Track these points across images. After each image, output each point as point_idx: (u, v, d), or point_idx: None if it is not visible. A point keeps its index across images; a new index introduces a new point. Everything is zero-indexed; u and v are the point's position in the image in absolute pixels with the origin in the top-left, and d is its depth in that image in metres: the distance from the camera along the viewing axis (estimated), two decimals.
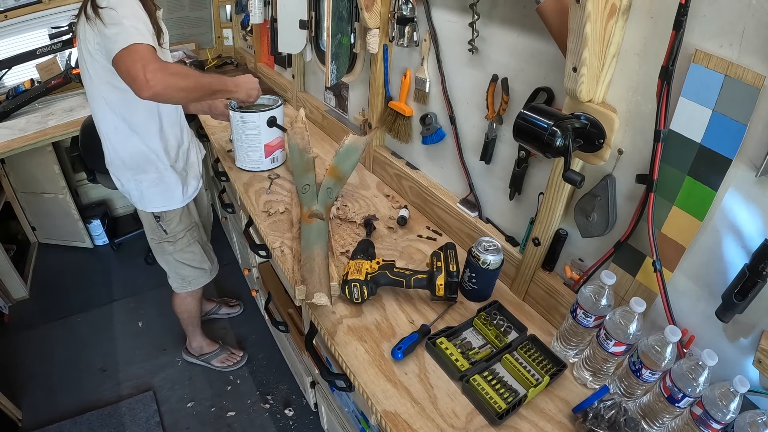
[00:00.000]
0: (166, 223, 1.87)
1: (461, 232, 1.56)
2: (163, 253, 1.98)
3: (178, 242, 1.95)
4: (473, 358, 1.15)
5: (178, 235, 1.93)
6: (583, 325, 1.08)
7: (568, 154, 0.97)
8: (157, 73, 1.33)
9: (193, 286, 2.12)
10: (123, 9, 1.37)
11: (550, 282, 1.27)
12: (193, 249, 2.02)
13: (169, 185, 1.80)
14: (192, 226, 1.97)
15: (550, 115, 0.97)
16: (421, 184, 1.71)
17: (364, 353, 1.18)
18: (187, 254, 2.01)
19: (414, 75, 1.62)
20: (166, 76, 1.35)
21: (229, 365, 2.45)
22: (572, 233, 1.22)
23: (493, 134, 1.36)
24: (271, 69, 2.95)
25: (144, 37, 1.36)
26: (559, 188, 1.16)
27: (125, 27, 1.35)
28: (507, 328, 1.24)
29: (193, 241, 2.00)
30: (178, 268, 2.04)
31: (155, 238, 1.93)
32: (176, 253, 1.98)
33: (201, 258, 2.06)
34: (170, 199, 1.82)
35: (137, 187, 1.77)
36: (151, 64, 1.33)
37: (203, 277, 2.12)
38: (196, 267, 2.06)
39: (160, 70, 1.34)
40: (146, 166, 1.73)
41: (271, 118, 1.86)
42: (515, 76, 1.26)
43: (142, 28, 1.37)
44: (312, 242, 1.40)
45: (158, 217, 1.85)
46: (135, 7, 1.40)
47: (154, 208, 1.82)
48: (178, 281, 2.09)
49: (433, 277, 1.27)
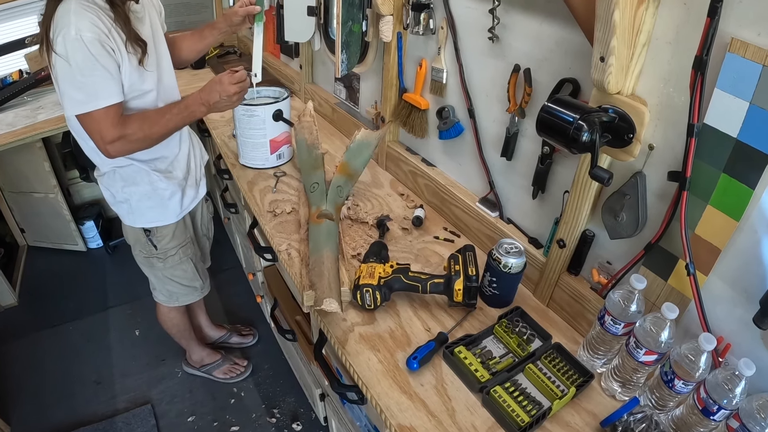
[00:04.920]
0: (157, 239, 1.83)
1: (481, 233, 1.59)
2: (151, 267, 1.94)
3: (168, 259, 1.91)
4: (494, 369, 1.18)
5: (169, 252, 1.88)
6: (611, 333, 1.10)
7: (596, 149, 0.98)
8: (115, 145, 1.44)
9: (181, 303, 2.09)
10: (76, 58, 1.33)
11: (576, 286, 1.29)
12: (184, 267, 1.98)
13: (163, 197, 1.75)
14: (186, 242, 1.92)
15: (576, 108, 0.99)
16: (437, 182, 1.73)
17: (377, 363, 1.20)
18: (177, 271, 1.97)
19: (430, 65, 1.65)
20: (125, 144, 1.46)
21: (233, 376, 2.47)
22: (600, 234, 1.24)
23: (515, 129, 1.39)
24: (277, 59, 3.00)
25: (100, 96, 1.38)
26: (586, 186, 1.17)
27: (78, 86, 1.36)
28: (530, 336, 1.26)
29: (186, 258, 1.96)
30: (166, 284, 2.01)
31: (143, 252, 1.88)
32: (166, 269, 1.94)
33: (192, 276, 2.03)
34: (164, 213, 1.78)
35: (126, 200, 1.72)
36: (109, 134, 1.41)
37: (192, 295, 2.10)
38: (185, 285, 2.04)
39: (118, 140, 1.43)
40: (136, 177, 1.69)
41: (276, 112, 1.88)
42: (539, 67, 1.28)
43: (98, 84, 1.37)
44: (321, 244, 1.43)
45: (149, 232, 1.81)
46: (93, 46, 1.33)
47: (146, 223, 1.78)
48: (165, 296, 2.06)
49: (450, 281, 1.29)
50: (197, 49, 1.89)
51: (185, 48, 1.87)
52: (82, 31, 1.31)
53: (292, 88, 2.74)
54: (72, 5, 1.31)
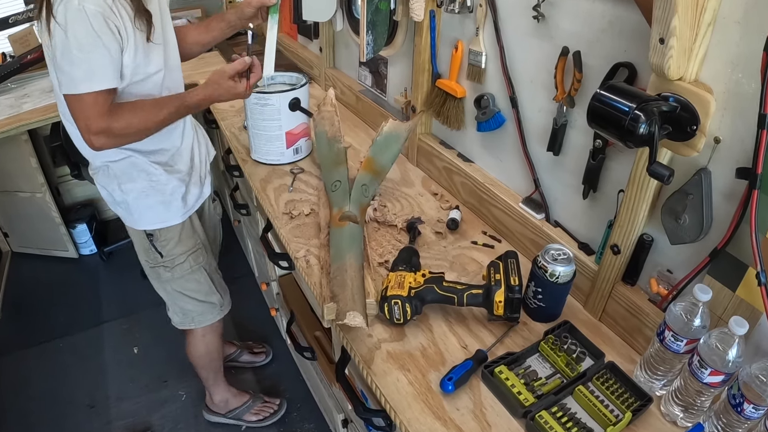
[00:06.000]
0: (161, 244, 1.83)
1: (524, 237, 1.61)
2: (158, 279, 1.95)
3: (176, 268, 1.90)
4: (539, 391, 1.19)
5: (177, 259, 1.89)
6: (672, 351, 1.11)
7: (654, 143, 0.99)
8: (100, 137, 1.47)
9: (197, 324, 2.08)
10: (76, 31, 1.36)
11: (633, 298, 1.29)
12: (197, 277, 1.97)
13: (164, 193, 1.76)
14: (196, 248, 1.93)
15: (633, 97, 1.00)
16: (475, 180, 1.75)
17: (407, 385, 1.23)
18: (189, 284, 1.97)
19: (467, 47, 1.67)
20: (111, 138, 1.50)
21: (266, 417, 2.45)
22: (659, 239, 1.25)
23: (563, 119, 1.40)
24: (294, 41, 3.02)
25: (95, 78, 1.41)
26: (643, 185, 1.18)
27: (74, 62, 1.38)
28: (580, 354, 1.28)
29: (198, 267, 1.95)
30: (178, 300, 2.00)
31: (148, 261, 1.89)
32: (174, 281, 1.94)
33: (208, 289, 2.03)
34: (166, 212, 1.80)
35: (124, 200, 1.74)
36: (95, 124, 1.45)
37: (211, 313, 2.09)
38: (201, 300, 2.03)
39: (103, 132, 1.46)
40: (132, 172, 1.71)
41: (293, 100, 1.90)
42: (590, 49, 1.29)
43: (95, 63, 1.40)
44: (344, 250, 1.46)
45: (151, 236, 1.82)
46: (96, 20, 1.36)
47: (147, 224, 1.80)
48: (178, 315, 2.06)
49: (490, 292, 1.31)
50: (203, 42, 1.93)
51: (190, 39, 1.91)
52: (86, 2, 1.34)
53: (310, 74, 2.76)
54: None
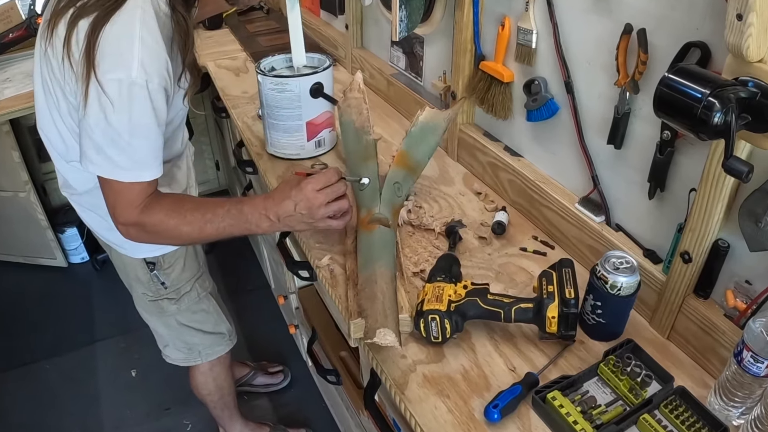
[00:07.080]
0: (165, 272, 1.82)
1: (581, 243, 1.63)
2: (161, 314, 1.92)
3: (183, 299, 1.90)
4: (598, 420, 1.20)
5: (183, 288, 1.88)
6: (751, 374, 1.12)
7: (731, 134, 1.00)
8: (129, 230, 1.42)
9: (205, 358, 2.09)
10: (132, 112, 1.27)
11: (706, 313, 1.30)
12: (204, 307, 1.98)
13: None
14: (201, 271, 1.94)
15: (706, 81, 1.02)
16: (525, 177, 1.77)
17: (447, 413, 1.24)
18: (196, 315, 1.97)
19: (515, 25, 1.69)
20: (142, 234, 1.43)
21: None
22: (736, 245, 1.26)
23: (626, 107, 1.41)
24: (317, 17, 3.06)
25: (145, 167, 1.35)
26: (718, 183, 1.19)
27: (121, 147, 1.30)
28: (645, 378, 1.29)
29: (205, 294, 1.96)
30: (184, 335, 2.00)
31: (148, 294, 1.86)
32: (181, 314, 1.93)
33: (216, 318, 2.04)
34: None
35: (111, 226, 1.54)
36: (127, 215, 1.38)
37: (219, 345, 2.11)
38: (208, 332, 2.04)
39: (134, 225, 1.40)
40: None
41: (315, 86, 1.92)
42: (656, 27, 1.30)
43: (147, 149, 1.34)
44: (373, 258, 1.49)
45: (153, 264, 1.79)
46: (157, 96, 1.29)
47: (148, 251, 1.75)
48: (182, 352, 2.05)
49: (542, 306, 1.32)
50: None
51: None
52: (151, 76, 1.26)
53: (335, 55, 2.79)
54: (137, 18, 1.24)
